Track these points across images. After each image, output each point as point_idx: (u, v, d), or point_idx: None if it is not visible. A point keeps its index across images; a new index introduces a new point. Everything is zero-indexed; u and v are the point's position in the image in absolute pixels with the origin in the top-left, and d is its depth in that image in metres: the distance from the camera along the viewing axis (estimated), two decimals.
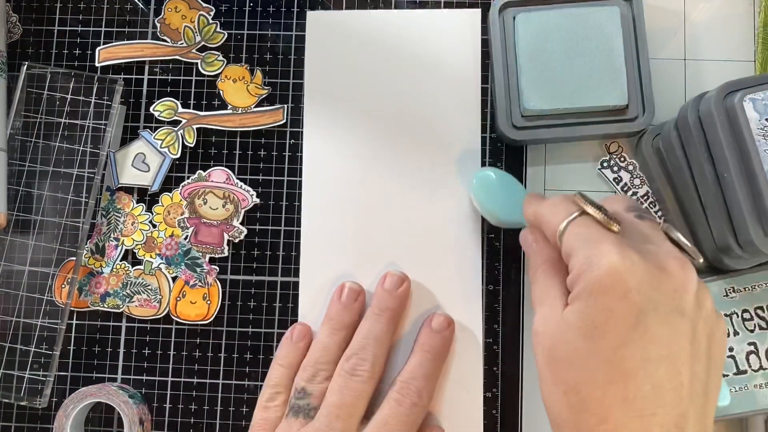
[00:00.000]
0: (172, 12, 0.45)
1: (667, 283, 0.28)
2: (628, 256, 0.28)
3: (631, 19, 0.41)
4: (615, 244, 0.29)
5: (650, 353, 0.27)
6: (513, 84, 0.41)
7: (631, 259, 0.28)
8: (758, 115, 0.34)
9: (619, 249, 0.28)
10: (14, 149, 0.44)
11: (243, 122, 0.44)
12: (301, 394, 0.37)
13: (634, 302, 0.28)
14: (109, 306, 0.43)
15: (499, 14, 0.41)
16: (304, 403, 0.37)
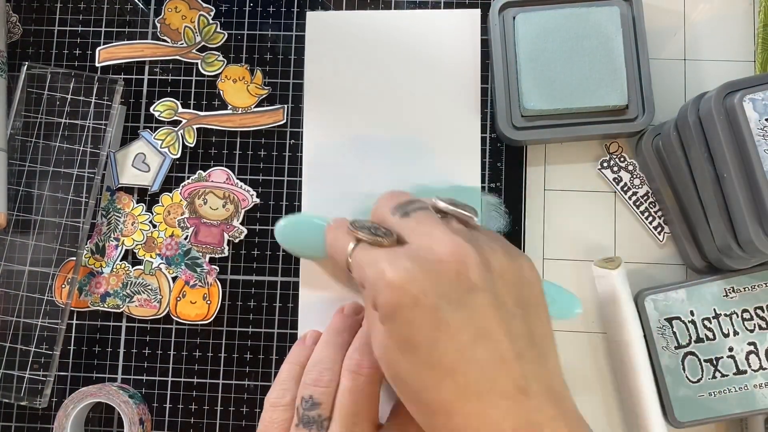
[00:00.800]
0: (172, 12, 0.45)
1: (446, 271, 0.29)
2: (400, 267, 0.29)
3: (631, 19, 0.41)
4: (386, 260, 0.30)
5: (462, 341, 0.28)
6: (513, 84, 0.41)
7: (404, 268, 0.29)
8: (758, 115, 0.34)
9: (390, 264, 0.30)
10: (14, 149, 0.44)
11: (243, 122, 0.44)
12: (308, 403, 0.35)
13: (426, 305, 0.28)
14: (109, 306, 0.43)
15: (499, 14, 0.41)
16: (314, 413, 0.35)
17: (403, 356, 0.29)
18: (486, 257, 0.30)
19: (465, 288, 0.29)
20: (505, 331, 0.29)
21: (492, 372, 0.28)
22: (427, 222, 0.32)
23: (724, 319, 0.39)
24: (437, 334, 0.28)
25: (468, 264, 0.29)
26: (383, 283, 0.29)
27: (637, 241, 0.42)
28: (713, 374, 0.39)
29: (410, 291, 0.29)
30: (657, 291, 0.40)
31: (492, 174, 0.43)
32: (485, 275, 0.30)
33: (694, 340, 0.39)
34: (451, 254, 0.30)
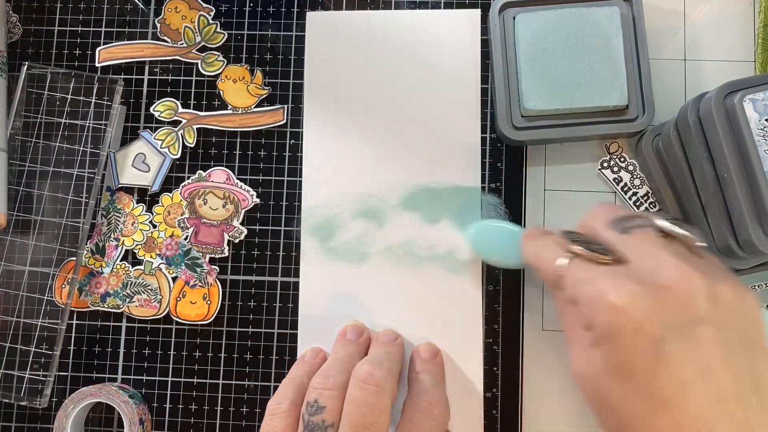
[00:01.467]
0: (172, 12, 0.45)
1: (674, 300, 0.28)
2: (625, 290, 0.28)
3: (631, 19, 0.41)
4: (609, 281, 0.28)
5: (683, 375, 0.27)
6: (513, 84, 0.41)
7: (629, 292, 0.28)
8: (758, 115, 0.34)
9: (615, 285, 0.28)
10: (14, 149, 0.44)
11: (243, 122, 0.44)
12: (313, 408, 0.34)
13: (649, 333, 0.27)
14: (109, 306, 0.43)
15: (499, 14, 0.41)
16: (319, 419, 0.34)
17: (616, 382, 0.28)
18: (714, 289, 0.28)
19: (691, 319, 0.27)
20: (729, 372, 0.27)
21: (712, 412, 0.26)
22: (651, 243, 0.30)
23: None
24: (658, 365, 0.27)
25: (696, 294, 0.28)
26: (604, 304, 0.28)
27: None
28: None
29: (634, 316, 0.27)
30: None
31: (492, 174, 0.43)
32: (714, 309, 0.28)
33: None
34: (678, 282, 0.28)
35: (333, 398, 0.34)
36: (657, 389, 0.27)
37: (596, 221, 0.33)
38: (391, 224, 0.43)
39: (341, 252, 0.43)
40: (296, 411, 0.35)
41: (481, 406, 0.41)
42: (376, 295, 0.42)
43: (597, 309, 0.28)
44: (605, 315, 0.28)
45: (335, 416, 0.34)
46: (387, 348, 0.38)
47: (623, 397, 0.28)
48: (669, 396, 0.27)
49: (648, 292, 0.28)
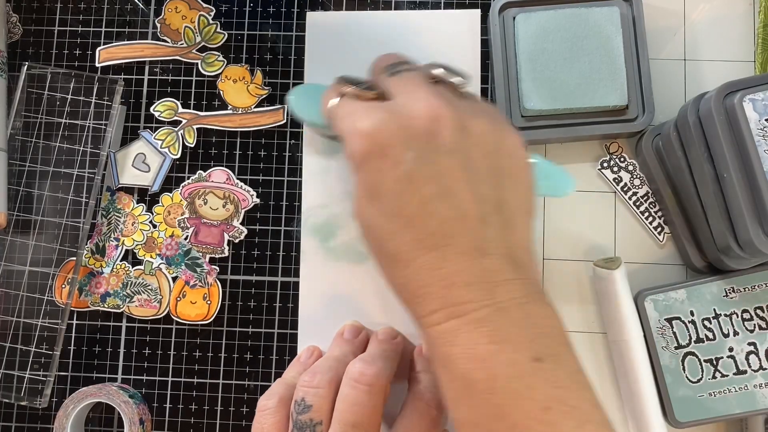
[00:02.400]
0: (172, 12, 0.45)
1: (418, 128, 0.30)
2: (374, 119, 0.30)
3: (631, 19, 0.41)
4: (365, 110, 0.31)
5: (423, 195, 0.29)
6: (513, 84, 0.41)
7: (378, 120, 0.30)
8: (758, 115, 0.34)
9: (367, 114, 0.30)
10: (14, 149, 0.44)
11: (243, 122, 0.44)
12: (300, 406, 0.34)
13: (393, 156, 0.29)
14: (109, 306, 0.43)
15: (498, 14, 0.41)
16: (306, 418, 0.34)
17: (370, 204, 0.30)
18: (465, 122, 0.31)
19: (434, 146, 0.30)
20: (471, 193, 0.29)
21: (451, 228, 0.29)
22: (413, 81, 0.32)
23: (724, 319, 0.39)
24: (401, 186, 0.29)
25: (442, 124, 0.30)
26: (356, 131, 0.30)
27: (637, 241, 0.42)
28: (713, 374, 0.39)
29: (379, 140, 0.30)
30: (657, 291, 0.40)
31: None
32: (458, 137, 0.30)
33: (694, 340, 0.39)
34: (426, 112, 0.30)
35: (320, 396, 0.34)
36: (401, 208, 0.29)
37: (375, 67, 0.35)
38: None
39: (341, 252, 0.43)
40: (285, 408, 0.35)
41: None
42: (375, 294, 0.42)
43: (352, 138, 0.30)
44: (357, 141, 0.30)
45: (324, 414, 0.34)
46: (384, 346, 0.38)
47: (376, 218, 0.30)
48: (412, 213, 0.29)
49: (395, 120, 0.30)
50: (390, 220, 0.30)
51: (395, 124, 0.30)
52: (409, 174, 0.29)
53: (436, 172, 0.29)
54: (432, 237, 0.29)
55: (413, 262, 0.29)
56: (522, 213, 0.31)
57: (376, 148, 0.30)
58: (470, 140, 0.30)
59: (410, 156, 0.29)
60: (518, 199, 0.31)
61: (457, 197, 0.29)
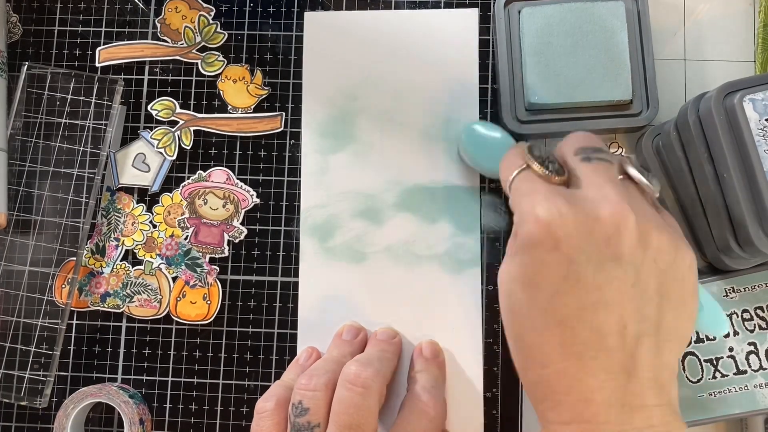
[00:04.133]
0: (172, 12, 0.45)
1: (599, 231, 0.28)
2: (556, 208, 0.28)
3: (635, 14, 0.41)
4: (547, 195, 0.29)
5: (584, 301, 0.27)
6: (518, 78, 0.41)
7: (559, 210, 0.28)
8: (758, 115, 0.34)
9: (548, 201, 0.29)
10: (14, 149, 0.44)
11: (240, 127, 0.44)
12: (298, 409, 0.34)
13: (564, 253, 0.28)
14: (109, 306, 0.43)
15: (504, 8, 0.41)
16: (304, 421, 0.34)
17: (523, 292, 0.29)
18: (647, 234, 0.28)
19: (611, 254, 0.28)
20: (632, 310, 0.28)
21: (604, 342, 0.27)
22: (606, 175, 0.30)
23: None
24: (564, 285, 0.28)
25: (624, 233, 0.28)
26: (532, 216, 0.29)
27: None
28: (713, 374, 0.39)
29: (555, 233, 0.28)
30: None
31: None
32: (636, 251, 0.28)
33: (693, 340, 0.39)
34: (611, 215, 0.28)
35: (317, 399, 0.34)
36: (557, 307, 0.28)
37: (568, 145, 0.33)
38: (390, 224, 0.43)
39: (340, 252, 0.43)
40: (283, 410, 0.35)
41: (481, 406, 0.41)
42: (375, 294, 0.42)
43: (524, 219, 0.29)
44: (530, 226, 0.29)
45: (321, 417, 0.34)
46: (382, 346, 0.38)
47: (526, 307, 0.29)
48: (566, 316, 0.28)
49: (577, 216, 0.28)
50: (541, 315, 0.28)
51: (576, 221, 0.28)
52: (577, 276, 0.28)
53: (605, 281, 0.28)
54: (581, 346, 0.27)
55: (554, 365, 0.28)
56: (678, 339, 0.30)
57: (549, 240, 0.28)
58: (647, 254, 0.28)
59: (583, 258, 0.28)
60: (678, 324, 0.29)
61: (617, 311, 0.28)
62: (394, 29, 0.44)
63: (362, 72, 0.44)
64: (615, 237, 0.28)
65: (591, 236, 0.28)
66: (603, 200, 0.29)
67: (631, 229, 0.28)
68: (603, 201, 0.29)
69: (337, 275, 0.42)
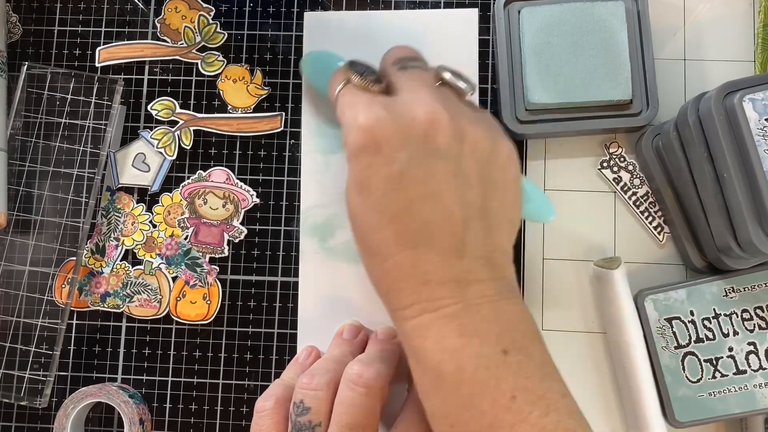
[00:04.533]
0: (172, 12, 0.45)
1: (416, 129, 0.30)
2: (374, 115, 0.30)
3: (635, 14, 0.41)
4: (366, 104, 0.31)
5: (411, 195, 0.30)
6: (518, 78, 0.41)
7: (377, 116, 0.30)
8: (758, 115, 0.34)
9: (368, 109, 0.31)
10: (14, 149, 0.44)
11: (240, 127, 0.44)
12: (299, 408, 0.34)
13: (387, 155, 0.30)
14: (109, 306, 0.43)
15: (504, 8, 0.41)
16: (305, 420, 0.34)
17: (358, 197, 0.31)
18: (462, 128, 0.31)
19: (429, 149, 0.30)
20: (457, 198, 0.30)
21: (433, 229, 0.30)
22: (420, 80, 0.33)
23: (724, 319, 0.39)
24: (391, 184, 0.30)
25: (439, 128, 0.30)
26: (354, 125, 0.31)
27: (637, 241, 0.42)
28: (713, 374, 0.39)
29: (375, 137, 0.30)
30: (657, 291, 0.40)
31: None
32: (453, 143, 0.31)
33: (694, 340, 0.39)
34: (425, 114, 0.30)
35: (319, 398, 0.34)
36: (387, 205, 0.30)
37: (387, 57, 0.35)
38: None
39: (340, 251, 0.43)
40: (282, 409, 0.35)
41: None
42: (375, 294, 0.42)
43: (348, 129, 0.31)
44: (354, 135, 0.31)
45: (323, 416, 0.34)
46: (383, 346, 0.38)
47: (362, 210, 0.31)
48: (397, 211, 0.30)
49: (394, 119, 0.30)
50: (375, 214, 0.31)
51: (394, 123, 0.30)
52: (400, 173, 0.30)
53: (426, 174, 0.30)
54: (413, 235, 0.30)
55: (392, 257, 0.30)
56: (505, 222, 0.32)
57: (372, 144, 0.30)
58: (464, 147, 0.31)
59: (403, 156, 0.30)
60: (503, 209, 0.32)
61: (443, 201, 0.30)
62: (394, 29, 0.44)
63: None
64: (431, 133, 0.30)
65: (409, 136, 0.30)
66: (417, 102, 0.31)
67: (446, 123, 0.31)
68: (417, 103, 0.31)
69: (337, 275, 0.42)
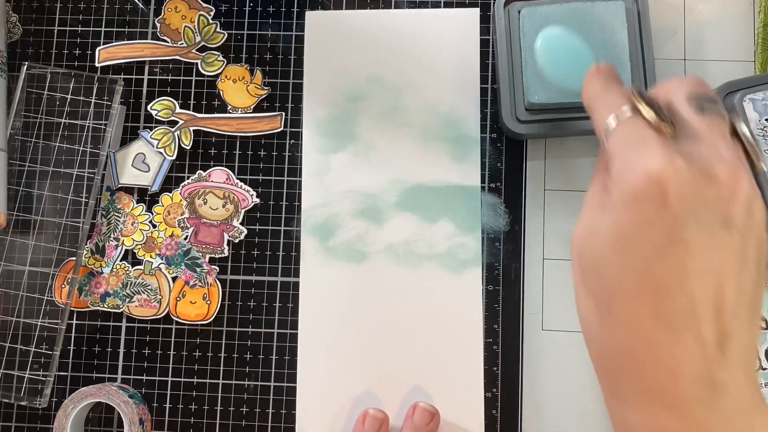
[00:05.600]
0: (172, 12, 0.45)
1: (713, 192, 0.26)
2: (670, 161, 0.25)
3: (636, 14, 0.41)
4: (658, 147, 0.26)
5: (688, 267, 0.25)
6: (518, 78, 0.41)
7: (673, 165, 0.25)
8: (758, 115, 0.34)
9: (662, 153, 0.26)
10: (14, 149, 0.44)
11: (240, 127, 0.44)
12: None
13: (673, 213, 0.25)
14: (109, 306, 0.43)
15: (504, 8, 0.41)
16: None
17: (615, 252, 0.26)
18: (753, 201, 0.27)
19: (722, 219, 0.26)
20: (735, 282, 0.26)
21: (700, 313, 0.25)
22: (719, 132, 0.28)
23: None
24: (668, 248, 0.25)
25: (737, 197, 0.26)
26: (643, 168, 0.26)
27: None
28: None
29: (666, 189, 0.25)
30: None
31: (492, 174, 0.43)
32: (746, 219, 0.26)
33: None
34: (726, 176, 0.26)
35: None
36: (655, 271, 0.25)
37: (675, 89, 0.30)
38: (391, 223, 0.43)
39: (341, 251, 0.43)
40: None
41: (481, 406, 0.41)
42: (376, 294, 0.42)
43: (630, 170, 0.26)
44: (636, 179, 0.26)
45: None
46: None
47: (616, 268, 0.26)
48: (664, 281, 0.25)
49: (692, 172, 0.26)
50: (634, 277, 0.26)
51: (692, 179, 0.25)
52: (683, 239, 0.25)
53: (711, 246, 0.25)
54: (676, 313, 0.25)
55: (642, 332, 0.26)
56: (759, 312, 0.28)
57: (659, 196, 0.25)
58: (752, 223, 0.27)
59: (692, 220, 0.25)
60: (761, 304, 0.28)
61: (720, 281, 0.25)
62: (395, 29, 0.44)
63: (363, 71, 0.44)
64: (728, 200, 0.26)
65: (704, 196, 0.26)
66: (719, 159, 0.26)
67: (745, 193, 0.26)
68: (719, 160, 0.26)
69: (338, 275, 0.42)
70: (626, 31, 0.40)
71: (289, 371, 0.42)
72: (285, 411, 0.42)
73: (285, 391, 0.42)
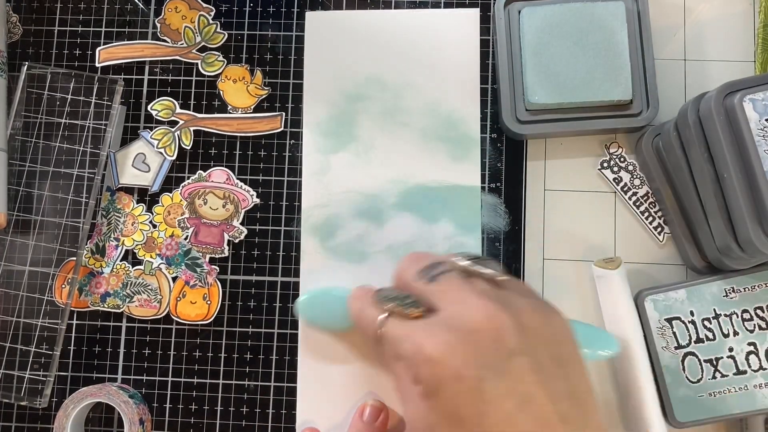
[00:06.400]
0: (172, 12, 0.45)
1: (484, 340, 0.29)
2: (439, 341, 0.29)
3: (636, 14, 0.41)
4: (424, 334, 0.29)
5: (507, 409, 0.28)
6: (518, 78, 0.41)
7: (443, 341, 0.29)
8: (758, 115, 0.34)
9: (429, 338, 0.29)
10: (14, 149, 0.44)
11: (240, 127, 0.44)
12: None
13: (468, 378, 0.28)
14: (109, 306, 0.43)
15: (504, 8, 0.41)
16: None
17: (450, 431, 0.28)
18: (519, 319, 0.30)
19: (504, 355, 0.28)
20: (547, 394, 0.28)
21: None
22: (456, 287, 0.31)
23: (724, 319, 0.39)
24: (483, 407, 0.28)
25: (504, 329, 0.29)
26: (423, 357, 0.29)
27: (637, 241, 0.42)
28: (713, 374, 0.39)
29: (452, 364, 0.28)
30: (657, 291, 0.40)
31: (492, 174, 0.43)
32: (521, 339, 0.29)
33: (694, 341, 0.39)
34: (486, 321, 0.29)
35: None
36: (487, 428, 0.28)
37: (406, 273, 0.34)
38: (391, 224, 0.43)
39: (341, 252, 0.43)
40: None
41: None
42: None
43: (418, 364, 0.29)
44: (427, 369, 0.29)
45: None
46: None
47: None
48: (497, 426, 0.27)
49: (460, 339, 0.29)
50: None
51: (462, 343, 0.28)
52: (489, 393, 0.28)
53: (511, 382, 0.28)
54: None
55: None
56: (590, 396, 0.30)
57: (450, 373, 0.28)
58: (530, 338, 0.29)
59: (485, 372, 0.28)
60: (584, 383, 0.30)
61: (536, 403, 0.28)
62: (395, 29, 0.44)
63: (363, 71, 0.44)
64: (498, 337, 0.29)
65: (481, 348, 0.28)
66: (471, 311, 0.29)
67: (507, 321, 0.29)
68: (471, 312, 0.29)
69: (338, 275, 0.42)
70: (626, 31, 0.40)
71: (289, 371, 0.42)
72: (285, 411, 0.42)
73: (285, 391, 0.42)
